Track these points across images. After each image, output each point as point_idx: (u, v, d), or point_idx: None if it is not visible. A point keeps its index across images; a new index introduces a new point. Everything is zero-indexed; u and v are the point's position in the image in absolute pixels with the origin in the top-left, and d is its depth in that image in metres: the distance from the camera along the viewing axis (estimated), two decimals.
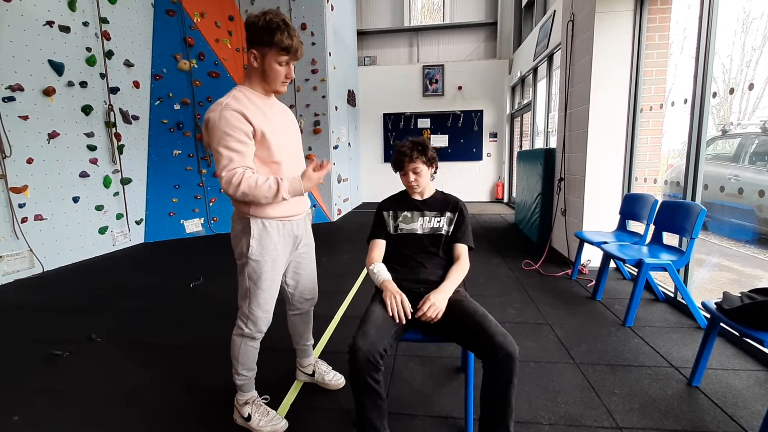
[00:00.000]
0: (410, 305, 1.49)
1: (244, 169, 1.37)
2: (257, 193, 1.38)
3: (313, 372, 1.90)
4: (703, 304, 1.84)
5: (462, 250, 1.69)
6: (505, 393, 1.31)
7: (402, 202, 1.78)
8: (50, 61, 3.99)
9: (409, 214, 1.74)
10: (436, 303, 1.46)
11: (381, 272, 1.61)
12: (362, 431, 1.36)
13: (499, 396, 1.32)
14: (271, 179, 1.40)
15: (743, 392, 1.80)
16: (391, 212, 1.76)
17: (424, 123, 9.39)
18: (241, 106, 1.37)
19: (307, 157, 1.65)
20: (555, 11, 5.58)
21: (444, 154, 9.32)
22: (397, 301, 1.47)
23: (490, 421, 1.35)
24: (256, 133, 1.39)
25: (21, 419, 1.70)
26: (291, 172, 1.50)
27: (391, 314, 1.45)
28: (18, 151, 3.70)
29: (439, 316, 1.46)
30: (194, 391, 1.89)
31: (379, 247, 1.74)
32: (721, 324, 1.74)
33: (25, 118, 3.77)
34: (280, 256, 1.55)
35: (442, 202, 1.75)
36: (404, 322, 1.46)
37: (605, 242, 3.02)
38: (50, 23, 3.97)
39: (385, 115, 9.50)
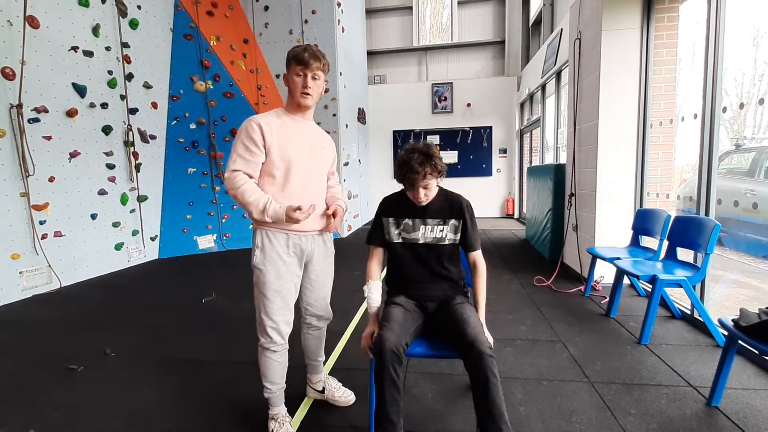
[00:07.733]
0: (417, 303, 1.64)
1: (248, 179, 1.50)
2: (246, 204, 1.49)
3: (323, 389, 1.90)
4: (719, 321, 1.80)
5: (476, 255, 1.69)
6: (487, 393, 1.32)
7: (403, 207, 1.69)
8: (74, 84, 4.16)
9: (410, 222, 1.67)
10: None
11: (371, 297, 1.61)
12: (380, 424, 1.36)
13: (482, 397, 1.33)
14: (264, 198, 1.49)
15: (765, 412, 1.75)
16: (391, 219, 1.70)
17: (434, 139, 9.46)
18: (263, 120, 1.52)
19: (326, 215, 1.70)
20: (562, 29, 5.66)
21: (454, 170, 9.35)
22: (367, 336, 1.58)
23: (482, 425, 1.34)
24: (266, 144, 1.51)
25: None
26: (293, 189, 1.57)
27: (362, 345, 1.57)
28: (41, 170, 3.83)
29: (490, 340, 1.46)
30: (206, 407, 1.90)
31: (378, 256, 1.76)
32: (740, 342, 1.70)
33: (49, 138, 3.92)
34: (285, 266, 1.58)
35: (446, 207, 1.67)
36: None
37: (618, 258, 2.99)
38: (75, 48, 4.17)
39: (394, 132, 9.62)
